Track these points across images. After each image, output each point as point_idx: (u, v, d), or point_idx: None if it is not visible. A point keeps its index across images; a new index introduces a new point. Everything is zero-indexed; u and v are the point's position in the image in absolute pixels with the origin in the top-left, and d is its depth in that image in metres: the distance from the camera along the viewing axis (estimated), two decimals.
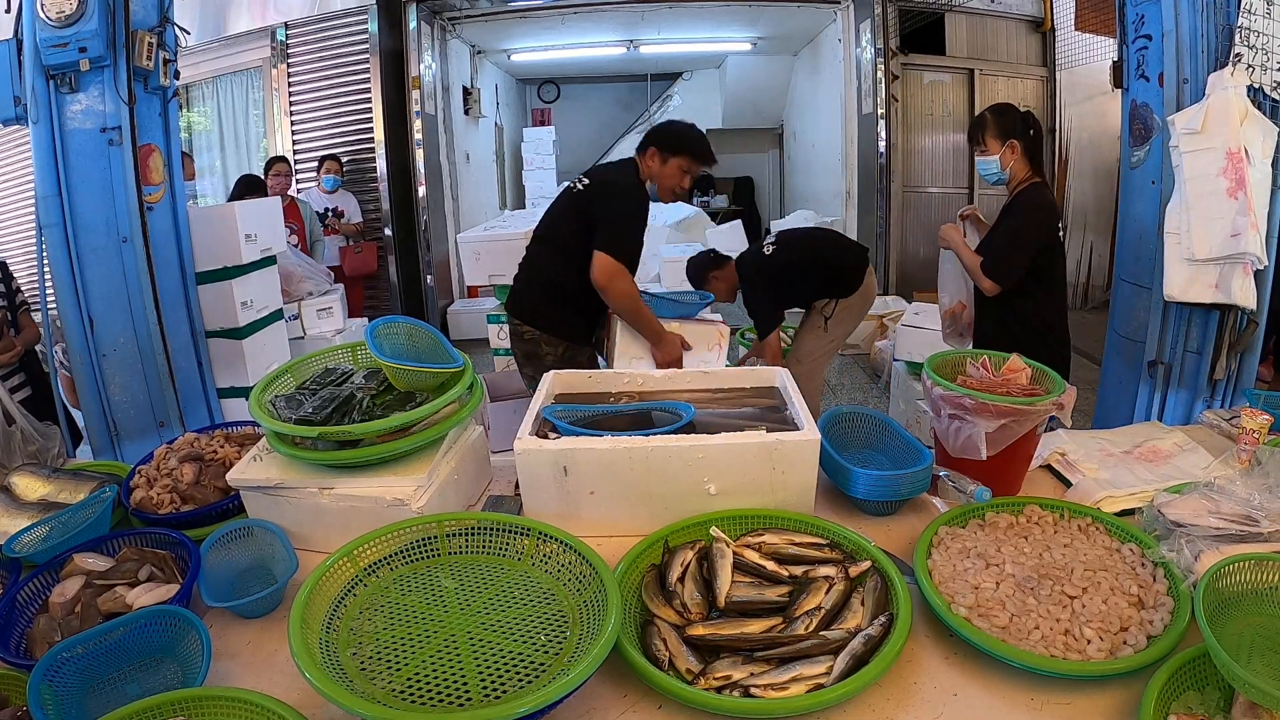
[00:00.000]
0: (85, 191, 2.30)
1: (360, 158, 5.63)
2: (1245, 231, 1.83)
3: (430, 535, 1.12)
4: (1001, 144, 2.18)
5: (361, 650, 0.93)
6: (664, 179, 2.35)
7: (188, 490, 1.38)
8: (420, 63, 5.78)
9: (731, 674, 0.92)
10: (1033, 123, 2.22)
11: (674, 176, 2.35)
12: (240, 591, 1.20)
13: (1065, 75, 5.94)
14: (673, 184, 2.37)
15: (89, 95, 2.26)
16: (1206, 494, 1.17)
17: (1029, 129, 2.19)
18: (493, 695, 0.86)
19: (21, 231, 5.97)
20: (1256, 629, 0.95)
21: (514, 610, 1.00)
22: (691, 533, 1.20)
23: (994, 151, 2.20)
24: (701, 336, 2.47)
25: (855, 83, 5.99)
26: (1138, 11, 2.12)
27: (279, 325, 3.39)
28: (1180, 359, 2.10)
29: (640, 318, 2.37)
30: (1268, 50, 1.87)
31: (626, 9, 6.30)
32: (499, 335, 3.64)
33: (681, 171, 2.35)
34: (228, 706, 0.85)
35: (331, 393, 1.38)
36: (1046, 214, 2.16)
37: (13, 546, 1.22)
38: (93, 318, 2.35)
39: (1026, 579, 1.06)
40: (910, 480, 1.30)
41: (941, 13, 5.79)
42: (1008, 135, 2.17)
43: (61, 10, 2.15)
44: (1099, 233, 6.12)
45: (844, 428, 1.55)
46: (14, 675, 0.98)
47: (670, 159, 2.33)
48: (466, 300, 6.41)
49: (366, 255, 5.36)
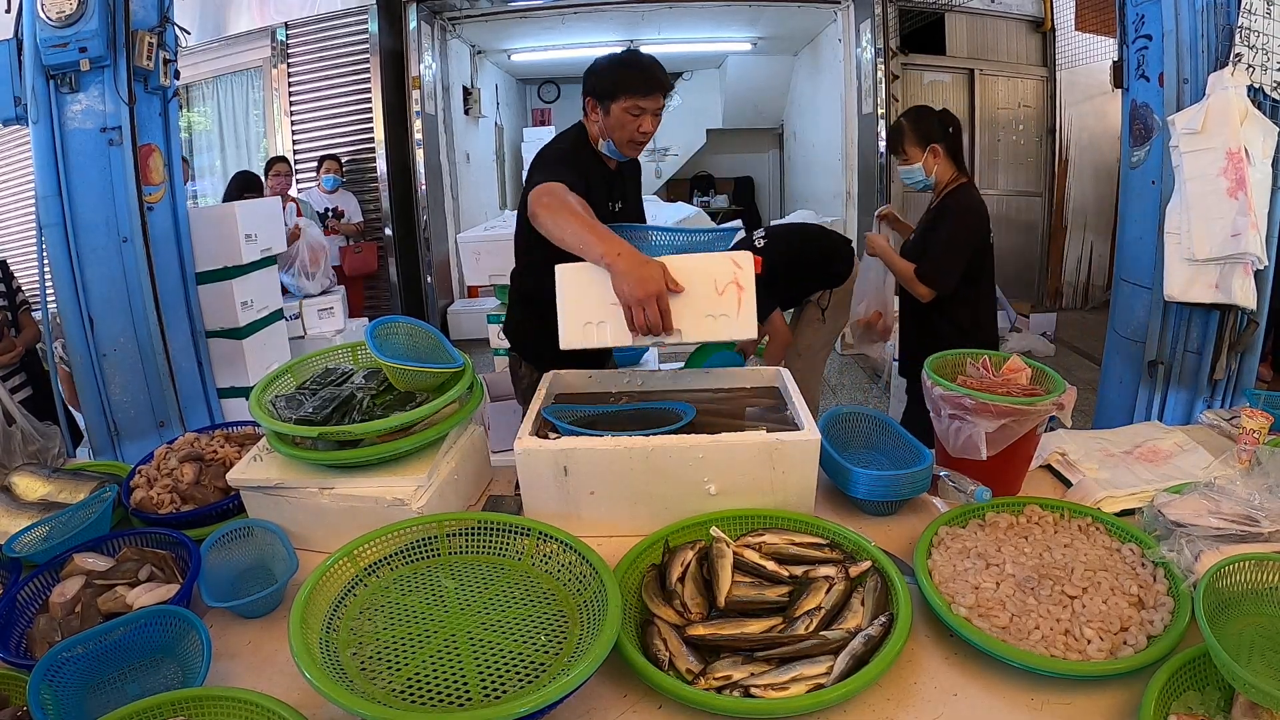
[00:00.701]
0: (85, 191, 2.30)
1: (360, 158, 5.63)
2: (1245, 231, 1.83)
3: (430, 535, 1.12)
4: (922, 150, 2.17)
5: (362, 650, 0.93)
6: (615, 131, 1.85)
7: (188, 490, 1.38)
8: (420, 63, 5.78)
9: (731, 674, 0.92)
10: (950, 121, 2.22)
11: (625, 124, 1.83)
12: (240, 591, 1.20)
13: (1065, 75, 5.94)
14: (628, 134, 1.84)
15: (89, 95, 2.26)
16: (1206, 494, 1.17)
17: (948, 128, 2.19)
18: (493, 695, 0.86)
19: (22, 231, 5.97)
20: (1256, 629, 0.95)
21: (514, 610, 1.00)
22: (691, 533, 1.20)
23: (916, 159, 2.19)
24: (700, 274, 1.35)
25: (855, 83, 5.98)
26: (1138, 11, 2.12)
27: (279, 325, 3.39)
28: (1180, 359, 2.10)
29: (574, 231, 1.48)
30: (1268, 50, 1.87)
31: (626, 9, 6.30)
32: (499, 335, 3.64)
33: (631, 116, 1.82)
34: (228, 706, 0.85)
35: (331, 393, 1.38)
36: (977, 216, 2.16)
37: (13, 546, 1.22)
38: (93, 317, 2.35)
39: (1027, 579, 1.06)
40: (910, 480, 1.30)
41: (941, 13, 5.79)
42: (928, 140, 2.16)
43: (61, 10, 2.15)
44: (1099, 233, 6.13)
45: (844, 428, 1.55)
46: (14, 675, 0.98)
47: (611, 105, 1.82)
48: (466, 300, 6.41)
49: (366, 255, 5.36)
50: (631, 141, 1.87)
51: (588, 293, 1.31)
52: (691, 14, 6.60)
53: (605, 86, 1.84)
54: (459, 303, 6.39)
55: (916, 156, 2.19)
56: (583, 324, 1.32)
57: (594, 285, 1.31)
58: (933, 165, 2.17)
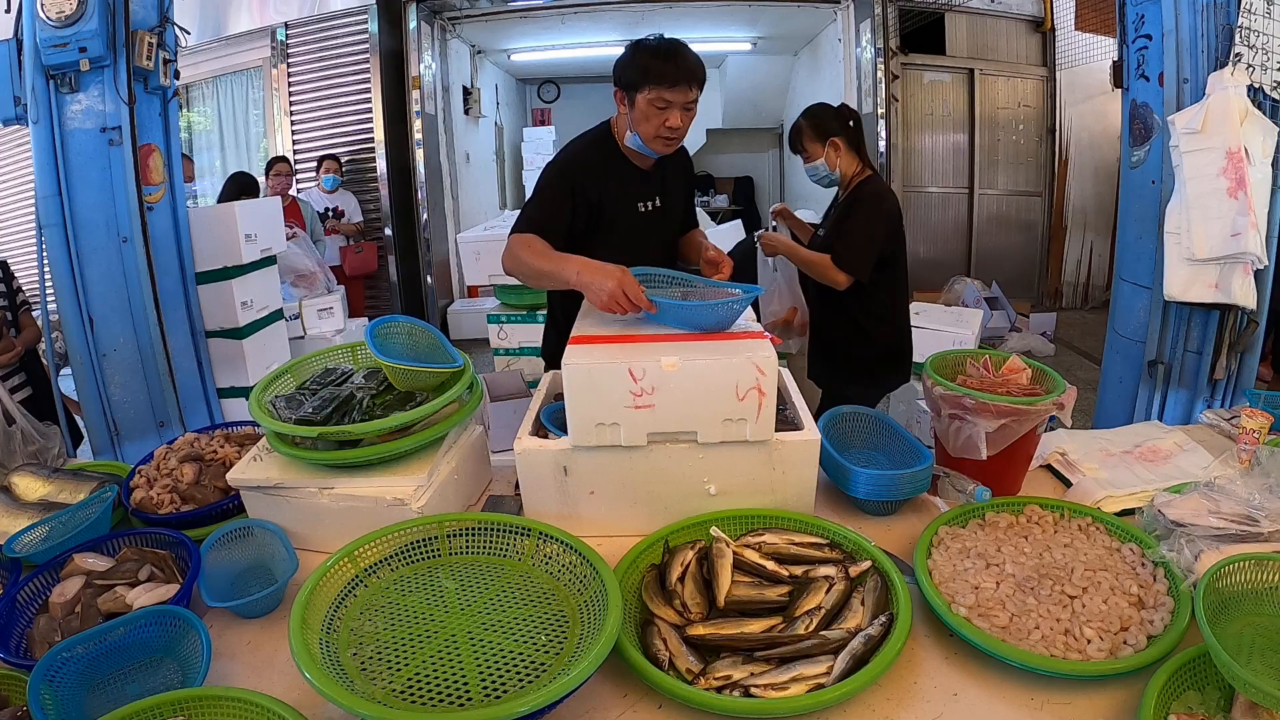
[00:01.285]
0: (85, 191, 2.30)
1: (360, 158, 5.63)
2: (1245, 231, 1.83)
3: (431, 535, 1.12)
4: (822, 145, 2.19)
5: (362, 651, 0.93)
6: (640, 125, 1.70)
7: (188, 490, 1.38)
8: (420, 63, 5.77)
9: (731, 674, 0.92)
10: (849, 115, 2.23)
11: (650, 117, 1.67)
12: (240, 591, 1.20)
13: (1065, 75, 5.94)
14: (654, 128, 1.69)
15: (89, 95, 2.26)
16: (1206, 494, 1.17)
17: (847, 121, 2.20)
18: (493, 695, 0.86)
19: (22, 231, 5.97)
20: (1256, 629, 0.95)
21: (514, 610, 1.00)
22: (691, 533, 1.20)
23: (817, 155, 2.20)
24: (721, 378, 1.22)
25: (855, 83, 5.98)
26: (1138, 11, 2.12)
27: (279, 325, 3.39)
28: (1180, 359, 2.10)
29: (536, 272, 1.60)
30: (1268, 50, 1.87)
31: (626, 9, 6.30)
32: (499, 335, 3.64)
33: (656, 109, 1.66)
34: (228, 706, 0.85)
35: (331, 393, 1.38)
36: (890, 203, 2.18)
37: (13, 546, 1.22)
38: (93, 317, 2.35)
39: (1026, 579, 1.06)
40: (910, 480, 1.30)
41: (941, 12, 5.79)
42: (826, 135, 2.18)
43: (61, 10, 2.15)
44: (1099, 233, 6.12)
45: (844, 428, 1.55)
46: (14, 675, 0.98)
47: (636, 96, 1.67)
48: (466, 300, 6.40)
49: (366, 255, 5.36)
50: (659, 137, 1.70)
51: (596, 393, 1.22)
52: (691, 14, 6.60)
53: (631, 75, 1.68)
54: (459, 303, 6.39)
55: (817, 152, 2.20)
56: (595, 425, 1.23)
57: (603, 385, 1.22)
58: (835, 159, 2.19)
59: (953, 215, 6.17)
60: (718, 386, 1.20)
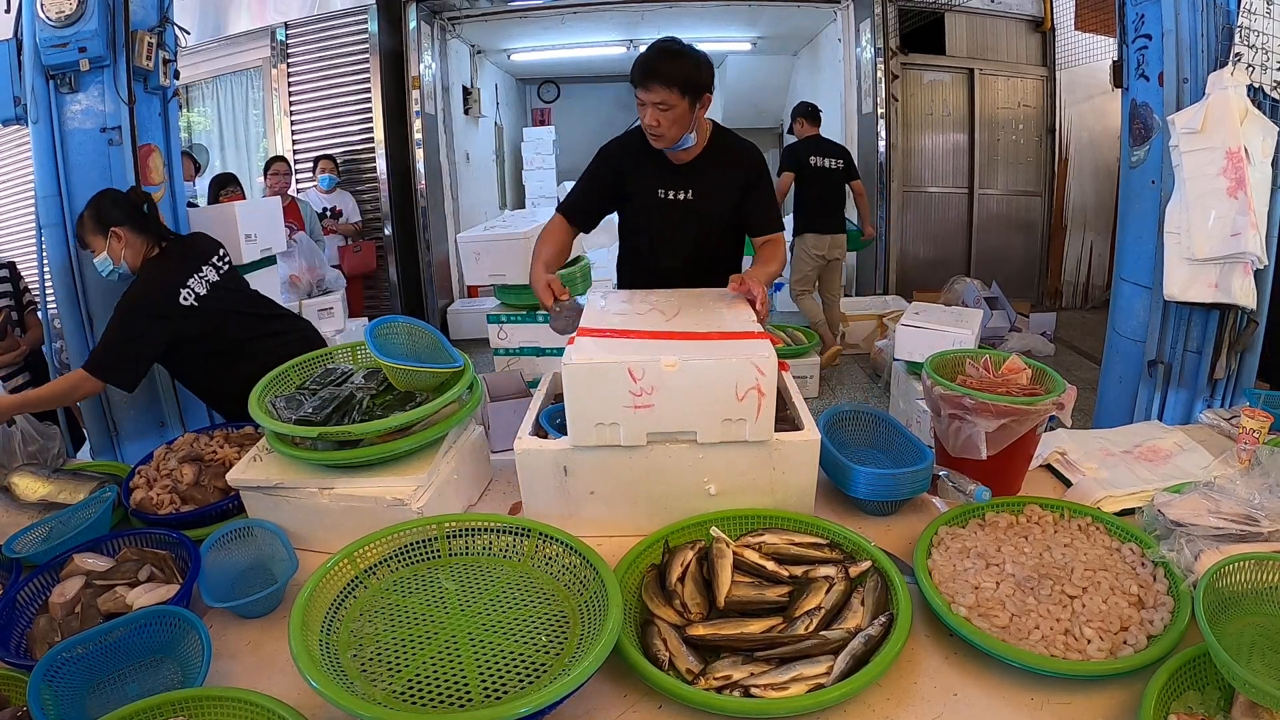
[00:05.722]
0: (85, 191, 2.28)
1: (360, 158, 5.63)
2: (1245, 231, 1.83)
3: (431, 536, 1.12)
4: (104, 237, 1.92)
5: (362, 652, 0.93)
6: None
7: (188, 490, 1.38)
8: (420, 63, 5.77)
9: (731, 674, 0.92)
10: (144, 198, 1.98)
11: (640, 114, 1.77)
12: (240, 591, 1.20)
13: (1065, 75, 5.94)
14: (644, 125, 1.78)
15: (89, 95, 2.26)
16: (1206, 494, 1.17)
17: (133, 205, 1.97)
18: (493, 696, 0.86)
19: (22, 231, 5.97)
20: (1256, 629, 0.95)
21: (514, 611, 1.00)
22: (691, 533, 1.20)
23: (100, 249, 1.94)
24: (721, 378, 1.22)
25: (855, 82, 5.97)
26: (1138, 11, 2.12)
27: None
28: (1180, 359, 2.10)
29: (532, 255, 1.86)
30: (1268, 50, 1.87)
31: (626, 9, 6.30)
32: (499, 335, 3.64)
33: (639, 106, 1.76)
34: (228, 706, 0.85)
35: (331, 393, 1.38)
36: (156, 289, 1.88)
37: (13, 546, 1.22)
38: (93, 317, 2.35)
39: (1026, 579, 1.06)
40: (910, 480, 1.30)
41: (941, 12, 5.79)
42: (106, 225, 1.92)
43: (61, 10, 2.15)
44: (1099, 232, 6.12)
45: (845, 427, 1.55)
46: (14, 675, 0.98)
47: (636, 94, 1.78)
48: (466, 300, 6.40)
49: (366, 255, 5.36)
50: (648, 132, 1.77)
51: (596, 393, 1.21)
52: (691, 14, 6.60)
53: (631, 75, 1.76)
54: (459, 303, 6.39)
55: (100, 246, 1.94)
56: (594, 425, 1.23)
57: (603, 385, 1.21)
58: (119, 250, 1.92)
59: (953, 215, 6.17)
60: (717, 386, 1.20)
